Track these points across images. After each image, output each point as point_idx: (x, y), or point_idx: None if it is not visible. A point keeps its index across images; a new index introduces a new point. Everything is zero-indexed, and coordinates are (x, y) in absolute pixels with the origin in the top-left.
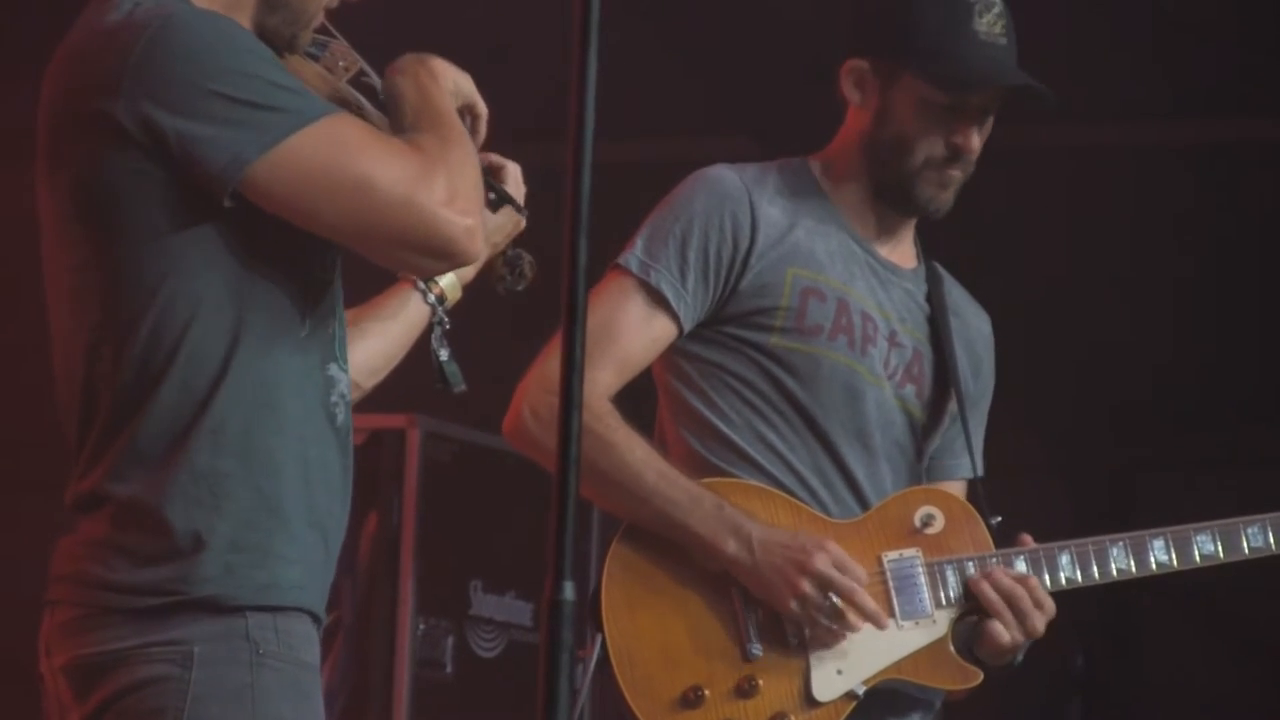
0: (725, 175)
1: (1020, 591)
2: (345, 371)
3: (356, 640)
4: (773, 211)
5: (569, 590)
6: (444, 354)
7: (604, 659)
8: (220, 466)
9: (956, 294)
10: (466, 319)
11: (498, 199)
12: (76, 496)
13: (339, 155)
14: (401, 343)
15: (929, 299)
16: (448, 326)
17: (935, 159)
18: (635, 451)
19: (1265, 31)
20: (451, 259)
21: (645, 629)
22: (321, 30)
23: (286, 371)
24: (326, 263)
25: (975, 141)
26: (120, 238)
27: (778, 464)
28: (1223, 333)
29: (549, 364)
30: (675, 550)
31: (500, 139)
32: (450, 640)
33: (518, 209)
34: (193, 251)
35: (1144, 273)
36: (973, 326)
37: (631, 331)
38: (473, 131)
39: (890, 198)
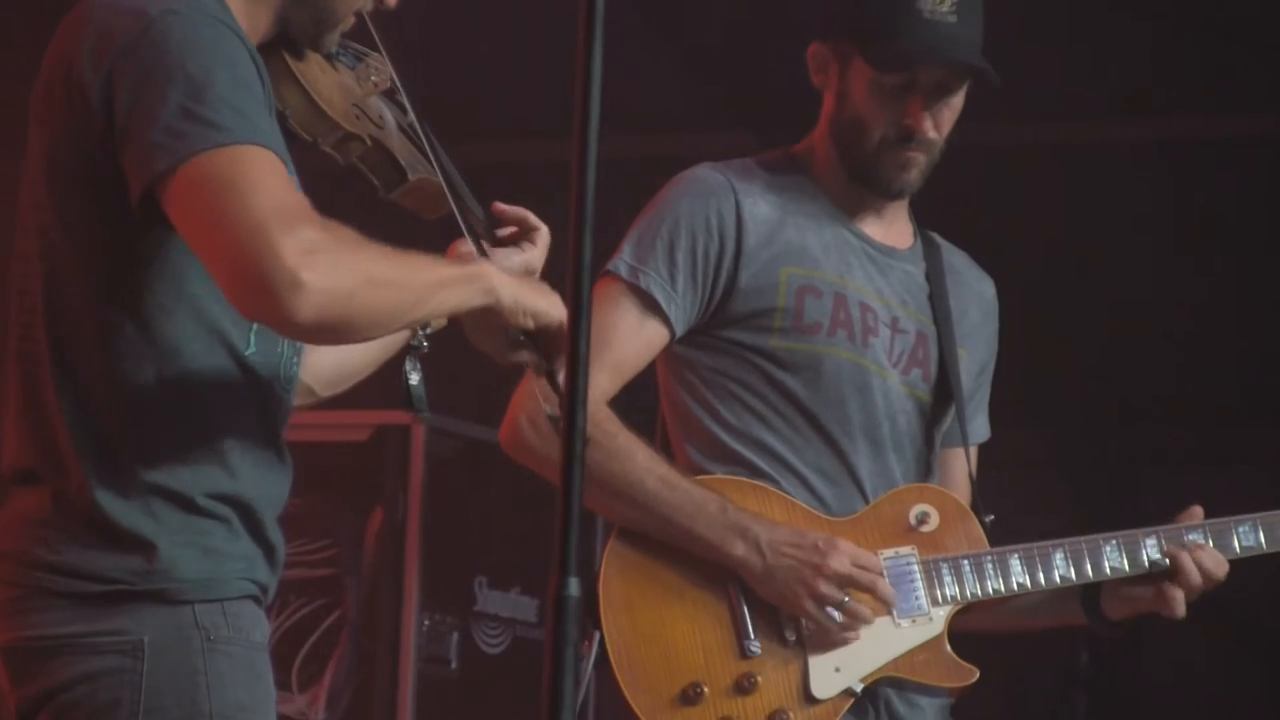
0: (709, 175)
1: (1210, 566)
2: (289, 394)
3: (361, 637)
4: (760, 209)
5: (574, 586)
6: (414, 378)
7: (602, 657)
8: (153, 480)
9: (956, 260)
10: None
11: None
12: (17, 467)
13: (233, 170)
14: (372, 359)
15: (928, 275)
16: (425, 350)
17: (890, 140)
18: (636, 457)
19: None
20: (263, 301)
21: (643, 627)
22: (364, 40)
23: (229, 386)
24: None
25: (926, 122)
26: (73, 215)
27: (779, 467)
28: (1229, 328)
29: None
30: (671, 548)
31: (504, 134)
32: (455, 636)
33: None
34: (132, 249)
35: (1149, 267)
36: (975, 290)
37: (625, 337)
38: (561, 351)
39: (858, 179)
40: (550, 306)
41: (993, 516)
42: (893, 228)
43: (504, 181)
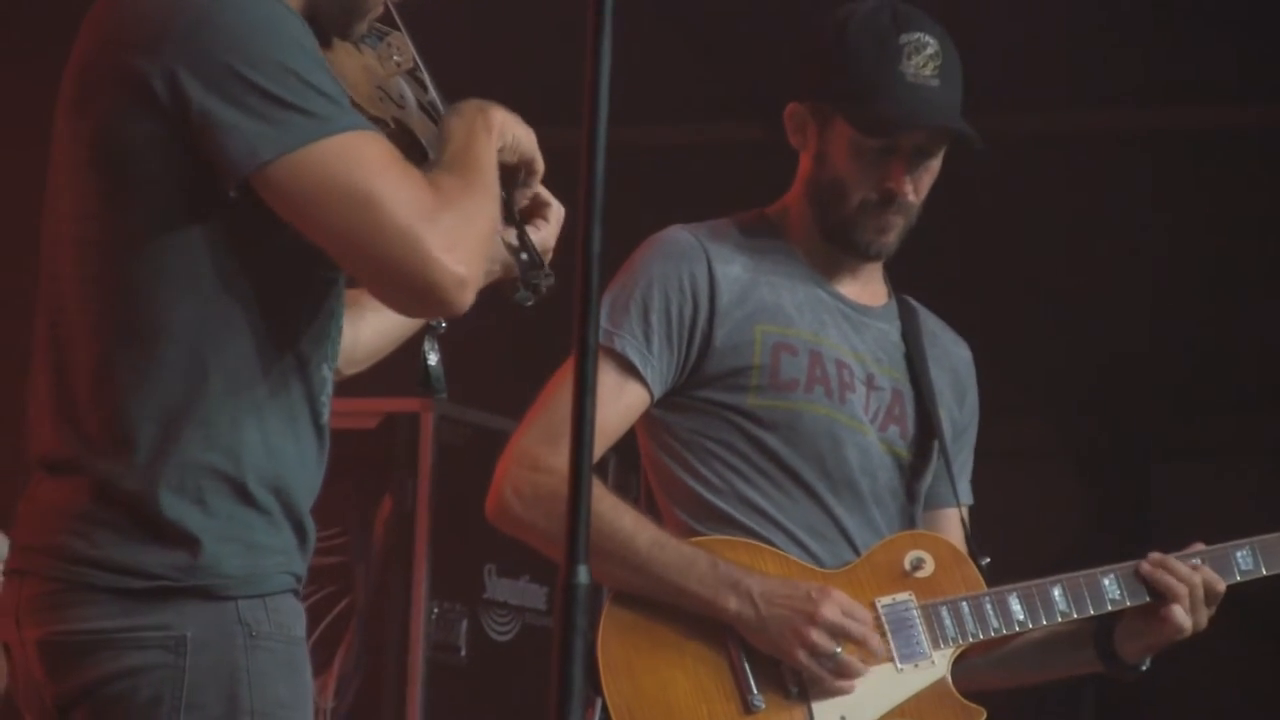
0: (680, 236)
1: (1197, 580)
2: (332, 372)
3: (370, 624)
4: (732, 269)
5: (583, 574)
6: (433, 358)
7: None
8: (209, 461)
9: (932, 323)
10: (478, 306)
11: (529, 261)
12: (48, 456)
13: (354, 170)
14: (393, 339)
15: (903, 335)
16: (442, 330)
17: (870, 202)
18: (623, 519)
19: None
20: (434, 307)
21: (646, 689)
22: (386, 20)
23: (279, 368)
24: (332, 262)
25: (907, 185)
26: (128, 200)
27: (766, 524)
28: (1241, 319)
29: (525, 439)
30: (668, 607)
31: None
32: (464, 624)
33: (538, 265)
34: (198, 230)
35: (1161, 257)
36: (952, 354)
37: (605, 401)
38: (524, 184)
39: (835, 241)
40: (531, 143)
41: (989, 559)
42: (867, 288)
43: None
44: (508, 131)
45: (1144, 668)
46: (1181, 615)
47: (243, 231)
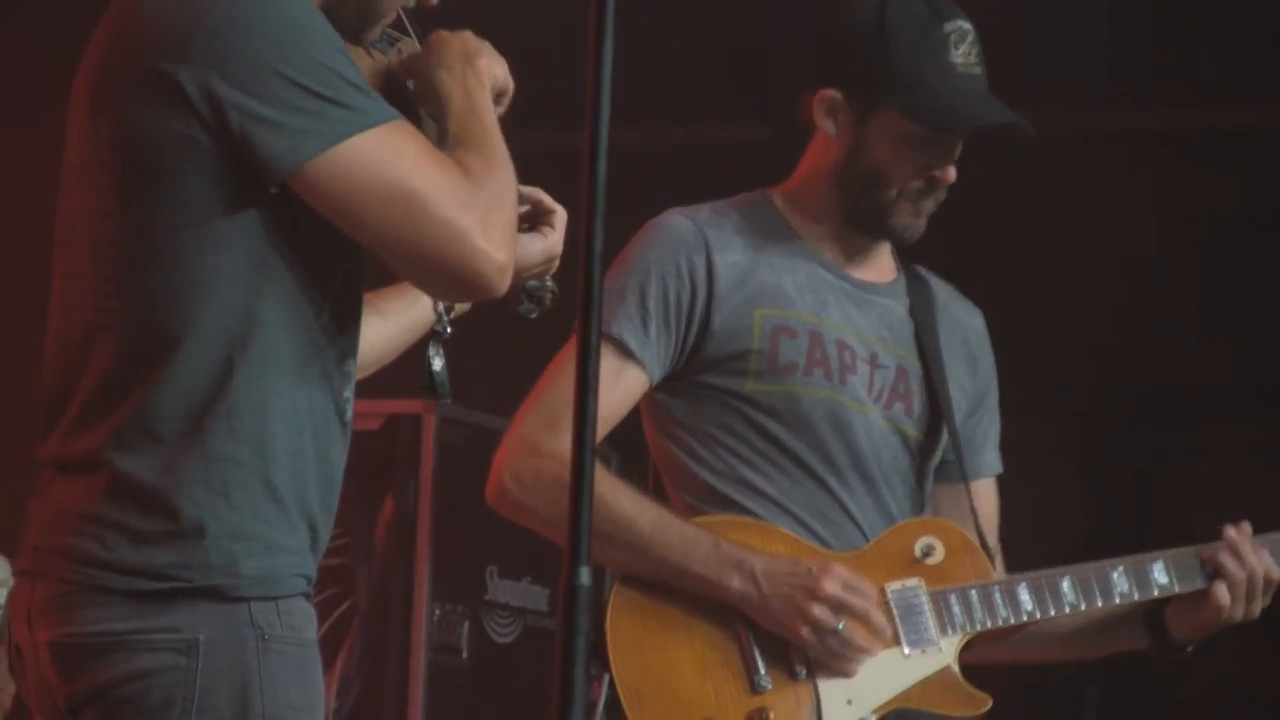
0: (678, 222)
1: (1261, 571)
2: (354, 368)
3: (372, 626)
4: (732, 252)
5: (585, 575)
6: (438, 363)
7: (613, 699)
8: (235, 453)
9: (943, 293)
10: (480, 306)
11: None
12: (62, 455)
13: (395, 165)
14: (398, 345)
15: (911, 311)
16: (447, 335)
17: (911, 190)
18: (623, 502)
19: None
20: (478, 294)
21: (653, 667)
22: (397, 26)
23: (303, 362)
24: (357, 256)
25: (953, 173)
26: (152, 196)
27: (771, 508)
28: (1241, 319)
29: (524, 425)
30: (676, 587)
31: (515, 123)
32: (466, 626)
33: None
34: (223, 226)
35: (1162, 257)
36: (963, 323)
37: (603, 387)
38: (495, 104)
39: (864, 226)
40: (505, 72)
41: (997, 545)
42: (875, 266)
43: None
44: (490, 75)
45: (1189, 649)
46: (1225, 595)
47: (272, 228)
